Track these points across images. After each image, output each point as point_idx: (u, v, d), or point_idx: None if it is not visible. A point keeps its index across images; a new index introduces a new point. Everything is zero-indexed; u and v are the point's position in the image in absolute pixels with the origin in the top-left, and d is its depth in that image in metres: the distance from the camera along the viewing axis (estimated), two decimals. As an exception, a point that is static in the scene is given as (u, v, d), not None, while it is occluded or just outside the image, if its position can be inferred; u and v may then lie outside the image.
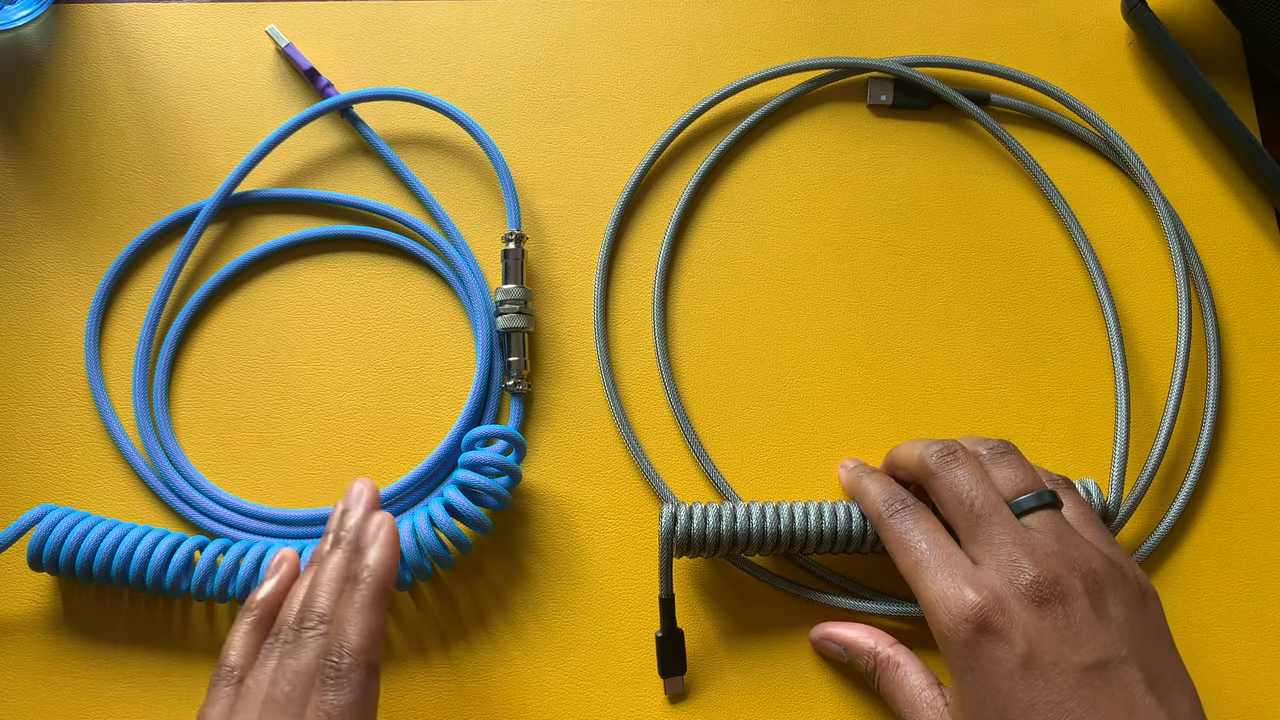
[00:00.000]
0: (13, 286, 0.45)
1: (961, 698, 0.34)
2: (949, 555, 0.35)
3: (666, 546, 0.38)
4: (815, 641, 0.40)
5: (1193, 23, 0.50)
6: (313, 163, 0.47)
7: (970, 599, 0.33)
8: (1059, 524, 0.35)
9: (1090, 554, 0.34)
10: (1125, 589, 0.34)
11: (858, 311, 0.45)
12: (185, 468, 0.42)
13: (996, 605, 0.33)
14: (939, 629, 0.34)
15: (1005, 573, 0.34)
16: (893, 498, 0.38)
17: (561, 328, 0.45)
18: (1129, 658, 0.32)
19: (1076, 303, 0.46)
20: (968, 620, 0.33)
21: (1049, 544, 0.34)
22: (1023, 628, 0.32)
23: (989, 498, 0.36)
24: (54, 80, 0.48)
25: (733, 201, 0.47)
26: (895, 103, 0.48)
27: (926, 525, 0.36)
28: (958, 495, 0.36)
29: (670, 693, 0.40)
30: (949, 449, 0.37)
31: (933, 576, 0.34)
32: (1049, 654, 0.32)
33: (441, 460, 0.42)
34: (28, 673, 0.40)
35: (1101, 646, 0.32)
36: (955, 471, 0.36)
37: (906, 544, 0.36)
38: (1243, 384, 0.45)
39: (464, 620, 0.41)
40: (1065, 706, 0.32)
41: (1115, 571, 0.34)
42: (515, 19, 0.49)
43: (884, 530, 0.37)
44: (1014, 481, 0.36)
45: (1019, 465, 0.37)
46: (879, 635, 0.39)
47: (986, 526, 0.35)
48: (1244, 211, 0.47)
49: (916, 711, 0.36)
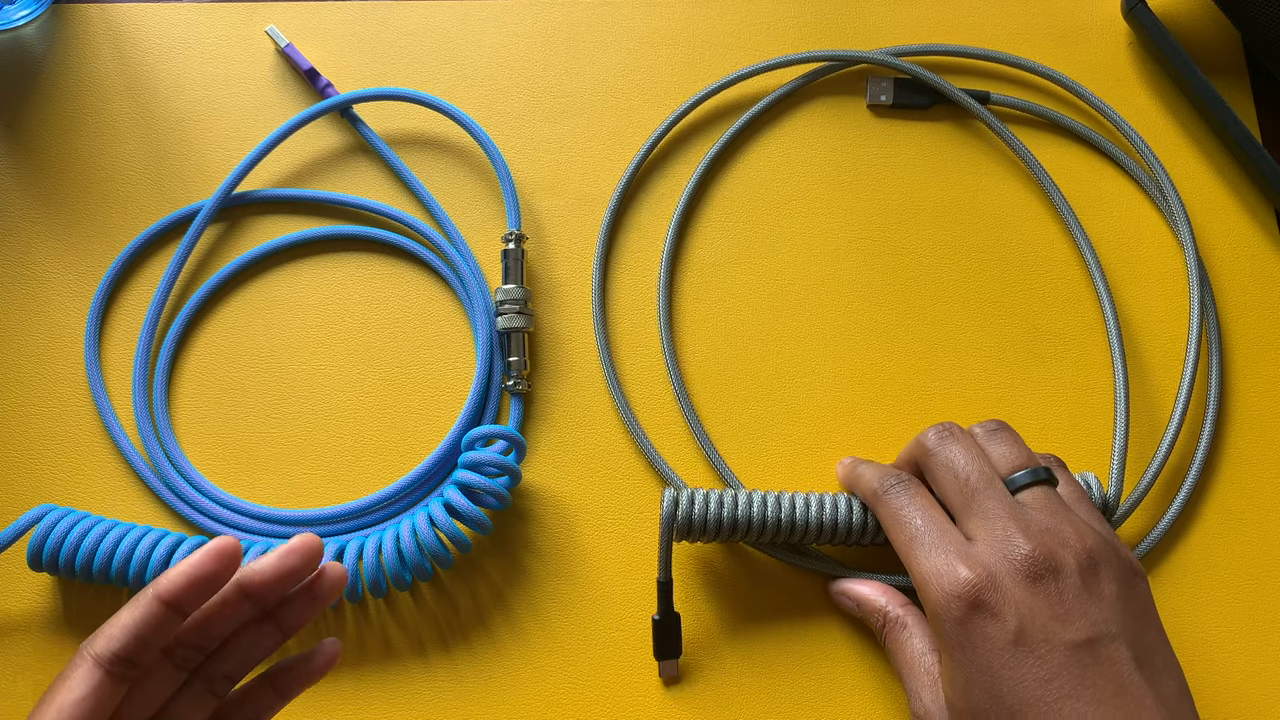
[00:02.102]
0: (13, 286, 0.45)
1: (952, 673, 0.34)
2: (943, 531, 0.35)
3: (667, 529, 0.38)
4: (832, 595, 0.41)
5: (1193, 23, 0.50)
6: (313, 163, 0.47)
7: (963, 575, 0.33)
8: (1053, 500, 0.35)
9: (1083, 530, 0.35)
10: (1116, 567, 0.34)
11: (858, 311, 0.45)
12: (185, 468, 0.42)
13: (989, 582, 0.33)
14: (931, 605, 0.34)
15: (999, 548, 0.34)
16: (887, 475, 0.38)
17: (561, 327, 0.45)
18: (1118, 635, 0.33)
19: (1077, 302, 0.46)
20: (960, 597, 0.33)
21: (1043, 520, 0.34)
22: (1015, 604, 0.33)
23: (984, 473, 0.36)
24: (54, 80, 0.48)
25: (732, 201, 0.47)
26: (895, 102, 0.48)
27: (921, 501, 0.36)
28: (953, 470, 0.36)
29: (665, 675, 0.40)
30: (945, 427, 0.37)
31: (926, 552, 0.35)
32: (1040, 630, 0.32)
33: (441, 460, 0.42)
34: (28, 673, 0.40)
35: (1092, 624, 0.33)
36: (951, 447, 0.37)
37: (901, 519, 0.36)
38: (1243, 384, 0.45)
39: (464, 620, 0.41)
40: (1055, 683, 0.32)
41: (1107, 549, 0.34)
42: (515, 19, 0.49)
43: (879, 507, 0.37)
44: (1009, 458, 0.37)
45: (1013, 443, 0.37)
46: (892, 594, 0.39)
47: (981, 501, 0.35)
48: (1244, 211, 0.47)
49: (913, 675, 0.36)
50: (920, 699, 0.35)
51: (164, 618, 0.29)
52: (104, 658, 0.29)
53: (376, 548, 0.39)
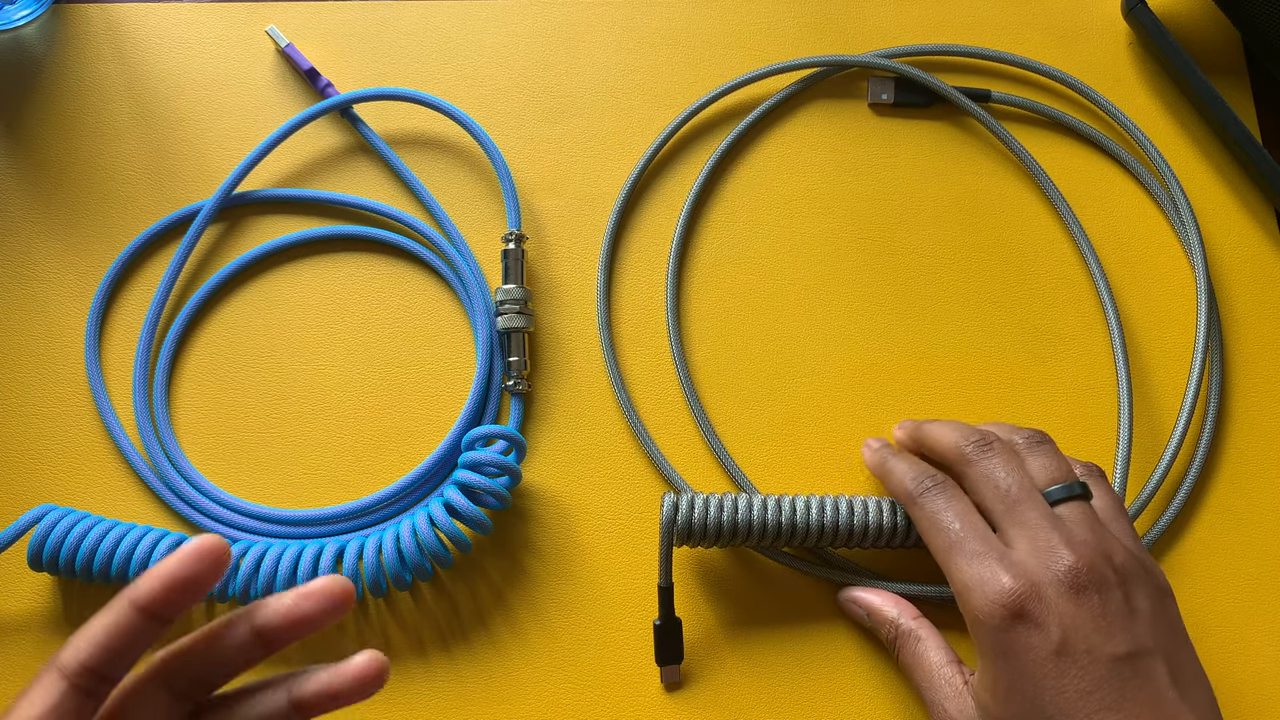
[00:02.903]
0: (13, 286, 0.45)
1: (992, 680, 0.34)
2: (983, 537, 0.35)
3: (667, 535, 0.38)
4: (840, 603, 0.40)
5: (1193, 23, 0.50)
6: (313, 163, 0.47)
7: (1006, 584, 0.33)
8: (1089, 515, 0.35)
9: (1118, 547, 0.35)
10: (1150, 584, 0.34)
11: (859, 311, 0.45)
12: (185, 468, 0.42)
13: (1032, 592, 0.33)
14: (972, 613, 0.34)
15: (1041, 558, 0.34)
16: (923, 475, 0.37)
17: (561, 328, 0.45)
18: (1155, 651, 0.33)
19: (1077, 301, 0.46)
20: (1004, 606, 0.33)
21: (1082, 533, 0.34)
22: (1058, 615, 0.33)
23: (1024, 485, 0.36)
24: (54, 80, 0.48)
25: (734, 200, 0.47)
26: (896, 101, 0.48)
27: (959, 505, 0.36)
28: (994, 482, 0.36)
29: (666, 681, 0.40)
30: (985, 439, 0.37)
31: (967, 560, 0.34)
32: (1083, 642, 0.32)
33: (441, 460, 0.42)
34: (28, 673, 0.40)
35: (1133, 638, 0.33)
36: (991, 460, 0.37)
37: (939, 524, 0.36)
38: (1242, 384, 0.45)
39: (464, 620, 0.41)
40: (1096, 695, 0.32)
41: (1140, 567, 0.35)
42: (515, 19, 0.49)
43: (914, 510, 0.37)
44: (1048, 471, 0.37)
45: (1053, 455, 0.37)
46: (904, 606, 0.39)
47: (1022, 511, 0.35)
48: (1244, 211, 0.47)
49: (934, 688, 0.36)
50: (944, 710, 0.35)
51: (139, 626, 0.26)
52: (69, 669, 0.25)
53: (376, 548, 0.39)
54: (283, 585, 0.39)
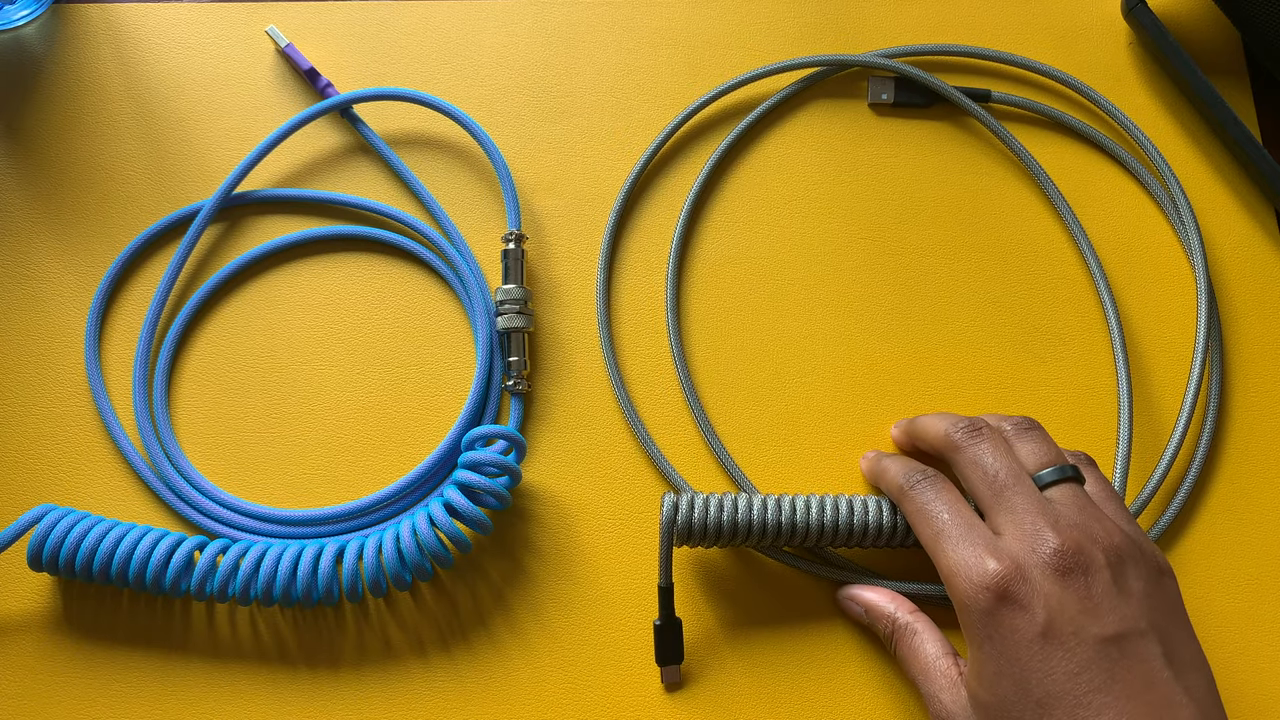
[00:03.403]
0: (13, 286, 0.45)
1: (979, 665, 0.34)
2: (970, 524, 0.35)
3: (667, 535, 0.38)
4: (839, 601, 0.41)
5: (1193, 23, 0.50)
6: (313, 163, 0.47)
7: (991, 567, 0.33)
8: (1080, 497, 0.36)
9: (1110, 528, 0.35)
10: (1144, 565, 0.34)
11: (859, 310, 0.45)
12: (185, 468, 0.42)
13: (1017, 574, 0.33)
14: (958, 597, 0.34)
15: (1027, 541, 0.34)
16: (913, 470, 0.38)
17: (561, 328, 0.45)
18: (1147, 631, 0.33)
19: (1077, 301, 0.46)
20: (988, 588, 0.33)
21: (1071, 515, 0.35)
22: (1044, 597, 0.33)
23: (1012, 469, 0.36)
24: (54, 80, 0.48)
25: (734, 200, 0.47)
26: (896, 101, 0.48)
27: (948, 496, 0.37)
28: (981, 468, 0.36)
29: (667, 681, 0.40)
30: (974, 425, 0.38)
31: (953, 545, 0.35)
32: (1069, 624, 0.32)
33: (441, 460, 0.42)
34: (28, 673, 0.40)
35: (1121, 619, 0.33)
36: (980, 445, 0.37)
37: (928, 514, 0.36)
38: (1242, 384, 0.45)
39: (464, 620, 0.41)
40: (1083, 676, 0.32)
41: (1134, 547, 0.34)
42: (515, 19, 0.49)
43: (905, 502, 0.37)
44: (1037, 455, 0.37)
45: (1042, 440, 0.37)
46: (900, 601, 0.39)
47: (1009, 496, 0.35)
48: (1244, 211, 0.47)
49: (929, 679, 0.36)
50: (940, 701, 0.35)
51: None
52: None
53: (376, 548, 0.39)
54: (282, 585, 0.39)
